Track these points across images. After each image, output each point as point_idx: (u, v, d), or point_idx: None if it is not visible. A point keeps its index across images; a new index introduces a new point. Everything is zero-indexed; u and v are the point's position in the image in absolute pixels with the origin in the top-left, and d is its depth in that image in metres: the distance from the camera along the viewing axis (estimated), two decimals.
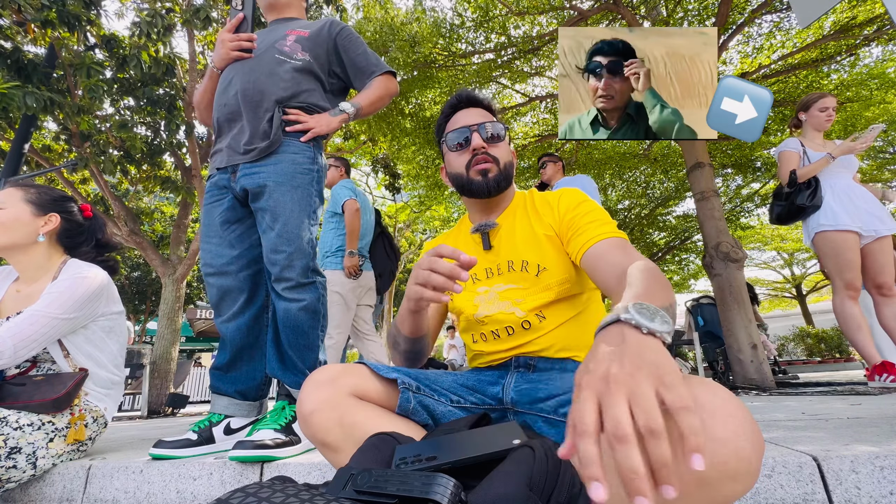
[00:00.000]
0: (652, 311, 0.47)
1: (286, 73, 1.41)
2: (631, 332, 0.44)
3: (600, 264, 0.80)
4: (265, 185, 1.32)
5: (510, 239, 0.96)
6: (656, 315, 0.46)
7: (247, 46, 1.43)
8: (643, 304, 0.48)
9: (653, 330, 0.44)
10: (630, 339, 0.43)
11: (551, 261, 0.90)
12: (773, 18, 5.14)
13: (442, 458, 0.55)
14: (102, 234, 1.50)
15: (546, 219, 0.94)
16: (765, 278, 17.70)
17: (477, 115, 0.98)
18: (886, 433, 0.97)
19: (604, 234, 0.84)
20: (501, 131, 0.98)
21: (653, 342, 0.43)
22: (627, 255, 0.77)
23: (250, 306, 1.40)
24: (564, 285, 0.90)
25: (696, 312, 5.02)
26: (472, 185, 0.95)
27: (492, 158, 0.94)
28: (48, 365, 1.28)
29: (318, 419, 0.73)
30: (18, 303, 1.29)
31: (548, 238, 0.92)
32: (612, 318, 0.48)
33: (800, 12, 1.47)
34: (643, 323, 0.45)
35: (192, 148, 5.27)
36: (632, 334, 0.44)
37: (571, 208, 0.92)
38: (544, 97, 6.15)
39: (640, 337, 0.44)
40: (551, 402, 0.79)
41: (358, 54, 1.51)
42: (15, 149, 3.56)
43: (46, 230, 1.33)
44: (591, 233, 0.85)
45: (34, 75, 3.68)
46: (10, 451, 1.07)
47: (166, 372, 5.21)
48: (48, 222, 1.34)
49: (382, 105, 1.52)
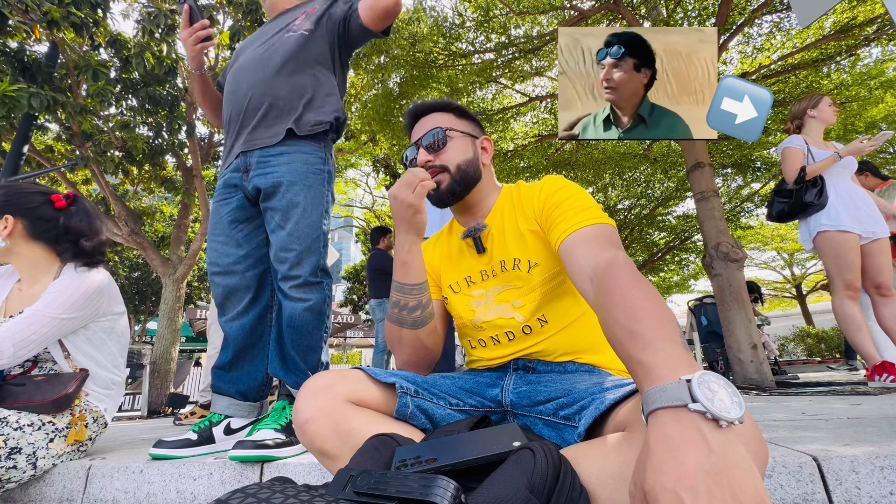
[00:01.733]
0: (720, 384, 0.41)
1: (298, 52, 1.39)
2: (712, 433, 0.38)
3: (570, 263, 0.75)
4: (279, 183, 1.32)
5: (500, 238, 0.93)
6: (726, 390, 0.41)
7: (203, 35, 1.41)
8: (705, 375, 0.41)
9: (731, 420, 0.39)
10: (716, 449, 0.37)
11: (541, 255, 0.88)
12: (773, 18, 5.14)
13: (442, 460, 0.55)
14: (88, 224, 1.37)
15: (528, 211, 0.91)
16: (765, 278, 17.69)
17: (426, 125, 0.97)
18: (886, 433, 0.97)
19: (576, 225, 0.78)
20: (441, 134, 0.93)
21: (741, 453, 0.38)
22: (596, 252, 0.71)
23: (255, 306, 1.40)
24: (558, 278, 0.88)
25: (699, 312, 5.01)
26: (430, 199, 0.94)
27: (439, 168, 0.92)
28: (49, 365, 1.28)
29: (314, 427, 0.72)
30: (21, 303, 1.28)
31: (532, 232, 0.89)
32: (671, 399, 0.41)
33: (800, 12, 1.47)
34: (720, 414, 0.39)
35: (194, 148, 5.28)
36: (716, 441, 0.38)
37: (549, 196, 0.87)
38: (544, 97, 6.15)
39: (724, 443, 0.38)
40: (551, 404, 0.78)
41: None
42: (15, 149, 3.56)
43: (5, 234, 1.28)
44: (563, 225, 0.80)
45: (38, 74, 3.69)
46: (10, 452, 1.07)
47: (166, 372, 5.21)
48: (6, 226, 1.28)
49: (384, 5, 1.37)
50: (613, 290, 0.60)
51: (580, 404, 0.72)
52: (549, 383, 0.82)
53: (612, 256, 0.67)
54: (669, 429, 0.40)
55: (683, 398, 0.41)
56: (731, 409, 0.40)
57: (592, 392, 0.72)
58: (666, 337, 0.49)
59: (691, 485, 0.36)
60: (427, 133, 0.94)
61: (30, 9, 3.30)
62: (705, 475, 0.36)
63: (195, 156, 5.31)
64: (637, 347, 0.50)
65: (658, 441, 0.40)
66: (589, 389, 0.74)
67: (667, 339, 0.49)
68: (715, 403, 0.40)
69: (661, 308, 0.54)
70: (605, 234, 0.76)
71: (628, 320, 0.53)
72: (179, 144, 5.22)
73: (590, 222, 0.78)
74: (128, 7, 5.11)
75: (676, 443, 0.39)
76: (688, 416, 0.40)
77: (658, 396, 0.43)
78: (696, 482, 0.36)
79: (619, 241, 0.75)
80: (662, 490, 0.37)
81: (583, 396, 0.73)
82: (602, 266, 0.66)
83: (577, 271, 0.72)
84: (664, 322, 0.52)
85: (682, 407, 0.41)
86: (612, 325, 0.56)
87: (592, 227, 0.77)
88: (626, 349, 0.52)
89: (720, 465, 0.36)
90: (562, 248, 0.78)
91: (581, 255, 0.73)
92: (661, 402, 0.42)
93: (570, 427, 0.72)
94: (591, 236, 0.75)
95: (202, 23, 1.41)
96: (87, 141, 4.54)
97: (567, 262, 0.76)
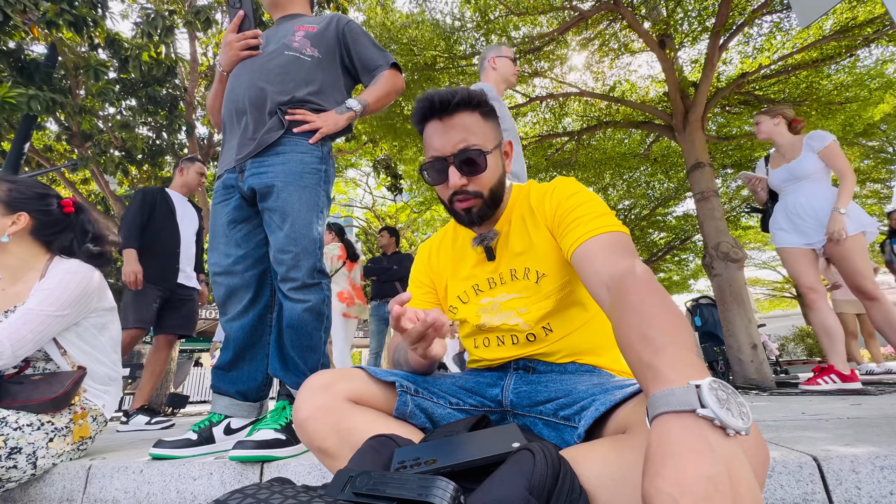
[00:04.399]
0: (729, 393, 0.40)
1: (296, 69, 1.40)
2: (717, 441, 0.38)
3: (586, 270, 0.73)
4: (273, 185, 1.32)
5: (509, 246, 0.90)
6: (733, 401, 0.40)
7: (253, 44, 1.43)
8: (716, 382, 0.41)
9: (738, 430, 0.39)
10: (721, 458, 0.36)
11: (550, 265, 0.86)
12: (773, 19, 5.13)
13: (441, 462, 0.55)
14: (93, 228, 1.44)
15: (539, 216, 0.88)
16: (765, 278, 17.69)
17: (453, 132, 0.83)
18: (886, 433, 0.97)
19: (591, 232, 0.75)
20: (482, 154, 0.82)
21: (745, 465, 0.37)
22: (614, 259, 0.69)
23: (255, 306, 1.41)
24: (566, 289, 0.85)
25: (694, 312, 5.07)
26: (458, 217, 0.90)
27: (472, 194, 0.84)
28: (42, 364, 1.27)
29: (314, 426, 0.72)
30: (4, 302, 1.27)
31: (543, 240, 0.86)
32: (679, 404, 0.40)
33: (800, 12, 1.47)
34: (728, 422, 0.38)
35: (194, 149, 5.27)
36: (721, 449, 0.37)
37: (562, 201, 0.84)
38: (545, 97, 6.14)
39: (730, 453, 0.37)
40: (551, 404, 0.78)
41: (363, 48, 1.50)
42: (15, 148, 3.56)
43: (13, 230, 1.28)
44: (578, 231, 0.77)
45: (36, 74, 3.68)
46: (10, 451, 1.07)
47: (166, 372, 5.21)
48: (16, 222, 1.29)
49: (390, 101, 1.51)
50: (630, 296, 0.58)
51: (580, 405, 0.72)
52: (550, 383, 0.82)
53: (630, 265, 0.65)
54: (673, 434, 0.39)
55: (692, 403, 0.40)
56: (740, 418, 0.39)
57: (593, 393, 0.72)
58: (678, 343, 0.48)
59: (690, 490, 0.35)
60: (462, 151, 0.82)
61: (28, 8, 3.31)
62: (706, 482, 0.35)
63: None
64: (648, 351, 0.49)
65: (659, 445, 0.39)
66: (590, 390, 0.74)
67: (679, 345, 0.48)
68: (724, 411, 0.39)
69: (677, 316, 0.53)
70: (621, 243, 0.74)
71: (642, 325, 0.52)
72: (179, 144, 5.22)
73: (606, 229, 0.75)
74: (126, 8, 5.12)
75: (678, 448, 0.38)
76: (694, 422, 0.39)
77: (665, 400, 0.41)
78: (696, 487, 0.35)
79: (635, 250, 0.73)
80: (658, 493, 0.36)
81: (583, 397, 0.73)
82: (620, 273, 0.65)
83: (593, 278, 0.70)
84: (678, 329, 0.51)
85: (689, 412, 0.40)
86: (626, 329, 0.55)
87: (609, 235, 0.74)
88: (637, 353, 0.51)
89: (723, 474, 0.35)
90: (576, 254, 0.76)
91: (598, 263, 0.71)
92: (667, 405, 0.41)
93: (571, 428, 0.72)
94: (609, 244, 0.73)
95: (255, 32, 1.44)
96: (87, 141, 4.54)
97: (581, 268, 0.74)
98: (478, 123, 0.85)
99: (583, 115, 6.62)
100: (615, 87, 6.15)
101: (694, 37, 5.11)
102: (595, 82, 6.30)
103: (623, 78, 6.31)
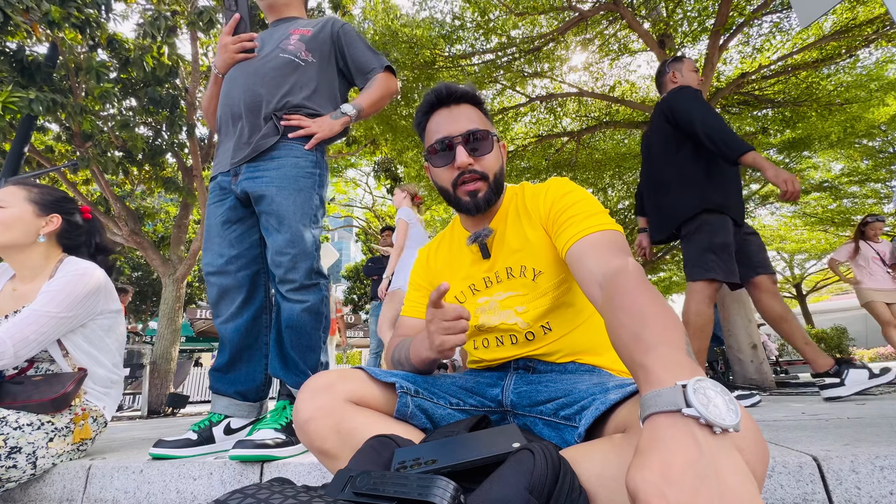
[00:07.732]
0: (717, 391, 0.41)
1: (291, 73, 1.41)
2: (705, 437, 0.38)
3: (579, 269, 0.73)
4: (268, 189, 1.33)
5: (505, 243, 0.91)
6: (722, 398, 0.40)
7: (249, 46, 1.44)
8: (701, 381, 0.41)
9: (726, 427, 0.39)
10: (707, 453, 0.37)
11: (546, 263, 0.86)
12: (773, 19, 5.14)
13: (441, 462, 0.55)
14: (100, 237, 1.50)
15: (534, 215, 0.89)
16: None
17: (460, 118, 0.88)
18: (886, 433, 0.97)
19: (584, 231, 0.76)
20: (488, 137, 0.87)
21: (735, 459, 0.37)
22: (607, 258, 0.70)
23: (248, 307, 1.40)
24: (562, 287, 0.86)
25: None
26: (461, 204, 0.90)
27: (479, 175, 0.87)
28: (46, 365, 1.28)
29: (315, 427, 0.72)
30: (15, 301, 1.29)
31: (539, 238, 0.87)
32: (666, 404, 0.41)
33: (800, 12, 1.47)
34: (714, 420, 0.38)
35: (194, 149, 5.28)
36: (708, 444, 0.38)
37: (556, 200, 0.85)
38: (545, 97, 6.14)
39: (717, 448, 0.37)
40: (551, 404, 0.78)
41: (357, 51, 1.51)
42: (15, 149, 3.56)
43: (47, 231, 1.32)
44: (571, 230, 0.78)
45: (37, 75, 3.69)
46: (10, 451, 1.07)
47: (166, 372, 5.21)
48: (49, 223, 1.33)
49: (384, 104, 1.51)
50: (622, 296, 0.59)
51: (581, 404, 0.72)
52: (550, 383, 0.82)
53: (623, 263, 0.66)
54: (661, 431, 0.40)
55: (678, 403, 0.40)
56: (727, 415, 0.39)
57: (593, 392, 0.72)
58: (669, 342, 0.49)
59: (677, 479, 0.35)
60: (470, 131, 0.86)
61: (30, 9, 3.31)
62: (693, 474, 0.35)
63: (195, 156, 5.31)
64: (640, 351, 0.50)
65: (647, 440, 0.40)
66: (590, 390, 0.73)
67: (669, 344, 0.48)
68: (709, 409, 0.39)
69: (668, 314, 0.54)
70: (615, 241, 0.74)
71: (635, 325, 0.53)
72: (179, 144, 5.22)
73: (599, 228, 0.76)
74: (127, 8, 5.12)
75: (665, 442, 0.38)
76: (682, 420, 0.40)
77: (654, 401, 0.42)
78: (682, 477, 0.35)
79: (628, 248, 0.74)
80: (644, 482, 0.36)
81: (583, 397, 0.73)
82: (612, 272, 0.65)
83: (587, 277, 0.71)
84: (670, 327, 0.51)
85: (676, 412, 0.40)
86: (619, 329, 0.55)
87: (602, 234, 0.75)
88: (629, 353, 0.52)
89: (710, 467, 0.36)
90: (570, 253, 0.77)
91: (591, 261, 0.71)
92: (655, 406, 0.42)
93: (571, 427, 0.72)
94: (601, 242, 0.74)
95: (251, 35, 1.45)
96: (87, 141, 4.54)
97: (575, 267, 0.75)
98: (481, 117, 0.91)
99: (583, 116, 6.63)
100: (615, 87, 6.15)
101: (694, 37, 5.12)
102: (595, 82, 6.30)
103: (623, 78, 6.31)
